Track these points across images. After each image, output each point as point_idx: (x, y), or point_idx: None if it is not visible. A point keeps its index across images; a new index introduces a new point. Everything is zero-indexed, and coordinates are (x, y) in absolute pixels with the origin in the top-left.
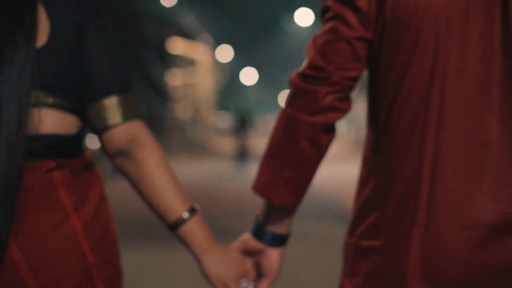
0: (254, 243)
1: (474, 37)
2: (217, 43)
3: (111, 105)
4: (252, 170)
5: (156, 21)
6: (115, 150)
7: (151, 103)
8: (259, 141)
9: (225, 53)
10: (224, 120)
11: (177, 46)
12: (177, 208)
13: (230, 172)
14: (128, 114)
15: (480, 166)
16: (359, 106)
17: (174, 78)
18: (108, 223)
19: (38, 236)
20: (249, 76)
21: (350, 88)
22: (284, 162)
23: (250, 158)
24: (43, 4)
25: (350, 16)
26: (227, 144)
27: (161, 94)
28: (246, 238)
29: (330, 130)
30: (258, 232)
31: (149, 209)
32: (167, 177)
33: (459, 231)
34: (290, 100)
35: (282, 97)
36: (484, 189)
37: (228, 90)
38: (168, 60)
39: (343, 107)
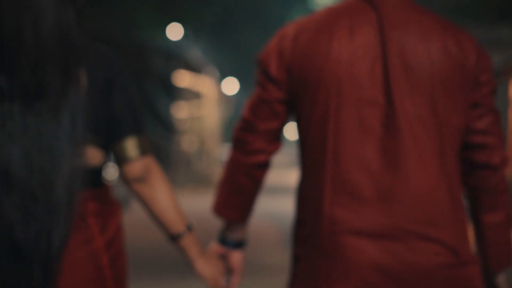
0: (221, 248)
1: (361, 89)
2: (223, 76)
3: (132, 143)
4: (260, 202)
5: (162, 54)
6: (133, 177)
7: (157, 136)
8: (269, 172)
9: (231, 85)
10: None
11: (183, 79)
12: (179, 223)
13: None
14: (144, 150)
15: (366, 188)
16: None
17: (180, 111)
18: (122, 246)
19: (70, 248)
20: None
21: (275, 135)
22: (231, 190)
23: (258, 196)
24: (81, 62)
25: (267, 84)
26: None
27: (167, 127)
28: (214, 245)
29: (262, 167)
30: (223, 240)
31: (156, 224)
32: (172, 199)
33: (350, 238)
34: (232, 145)
35: (288, 130)
36: (368, 205)
37: (234, 122)
38: (174, 93)
39: (270, 149)
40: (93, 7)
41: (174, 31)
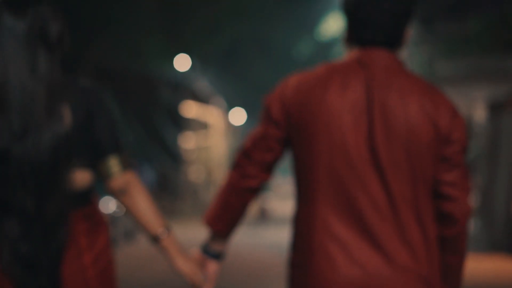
0: (202, 256)
1: (348, 137)
2: (230, 106)
3: (114, 161)
4: (270, 233)
5: (170, 85)
6: (117, 190)
7: (164, 166)
8: (277, 203)
9: (238, 116)
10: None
11: (190, 109)
12: (157, 225)
13: (246, 236)
14: (124, 166)
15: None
16: None
17: (188, 141)
18: (110, 258)
19: (63, 263)
20: None
21: (268, 166)
22: (222, 206)
23: (268, 220)
24: (68, 100)
25: (269, 123)
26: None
27: (174, 157)
28: (197, 252)
29: (252, 191)
30: (205, 249)
31: (139, 228)
32: (150, 206)
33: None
34: (232, 167)
35: None
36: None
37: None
38: (181, 124)
39: (262, 176)
40: (101, 39)
41: (182, 62)
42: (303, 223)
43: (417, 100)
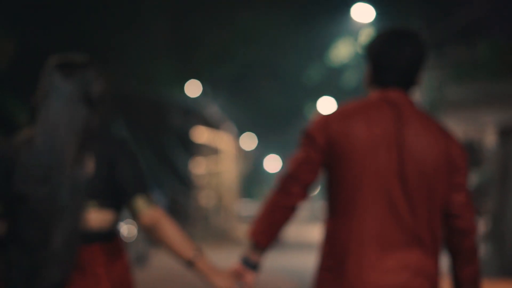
0: (241, 267)
1: (380, 166)
2: (241, 131)
3: (141, 201)
4: (287, 258)
5: (181, 111)
6: (146, 225)
7: (175, 192)
8: (288, 228)
9: (249, 141)
10: (249, 208)
11: (201, 135)
12: (188, 251)
13: (264, 260)
14: (150, 204)
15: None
16: None
17: (198, 167)
18: (129, 280)
19: None
20: (273, 163)
21: (310, 186)
22: (268, 223)
23: (283, 245)
24: (93, 150)
25: (312, 150)
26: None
27: (185, 182)
28: (236, 264)
29: (295, 209)
30: (245, 260)
31: (172, 257)
32: (179, 235)
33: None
34: (277, 188)
35: None
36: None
37: (252, 177)
38: (192, 149)
39: (304, 195)
40: (113, 65)
41: (193, 88)
42: (340, 233)
43: (434, 135)
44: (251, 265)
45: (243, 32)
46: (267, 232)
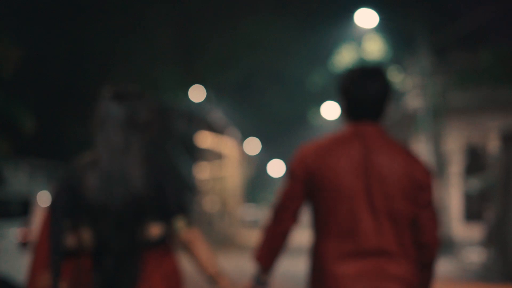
0: (254, 285)
1: (349, 192)
2: (245, 136)
3: (180, 220)
4: (286, 264)
5: (185, 116)
6: (183, 241)
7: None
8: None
9: (253, 146)
10: (252, 213)
11: (205, 140)
12: (212, 269)
13: None
14: (188, 224)
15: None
16: None
17: (202, 172)
18: (178, 280)
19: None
20: (276, 168)
21: (298, 212)
22: (269, 248)
23: (284, 251)
24: (146, 173)
25: (293, 181)
26: (256, 237)
27: (189, 187)
28: (247, 282)
29: (289, 233)
30: (257, 280)
31: (198, 271)
32: (208, 254)
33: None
34: (270, 217)
35: None
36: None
37: (256, 182)
38: (196, 154)
39: (294, 220)
40: (116, 70)
41: (197, 93)
42: (319, 248)
43: (398, 160)
44: (261, 282)
45: (247, 37)
46: (269, 256)
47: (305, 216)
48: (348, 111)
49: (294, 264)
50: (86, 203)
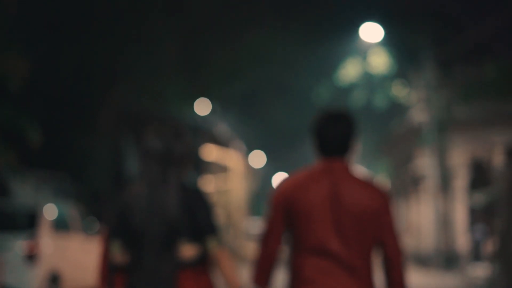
0: None
1: (320, 219)
2: (250, 149)
3: (211, 241)
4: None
5: (190, 129)
6: (213, 259)
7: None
8: None
9: (258, 158)
10: (257, 226)
11: (210, 153)
12: (235, 285)
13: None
14: (219, 244)
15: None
16: None
17: (207, 185)
18: None
19: None
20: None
21: (281, 237)
22: (262, 269)
23: (277, 268)
24: (180, 199)
25: (275, 211)
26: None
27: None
28: None
29: (277, 255)
30: None
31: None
32: (233, 271)
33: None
34: (259, 244)
35: None
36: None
37: (261, 195)
38: (202, 167)
39: (279, 243)
40: (122, 83)
41: (202, 106)
42: (295, 264)
43: (361, 190)
44: None
45: (253, 50)
46: (264, 276)
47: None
48: (319, 149)
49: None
50: (131, 228)
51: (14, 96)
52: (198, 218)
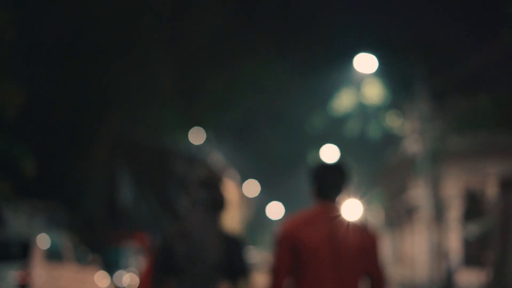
0: None
1: (320, 255)
2: (244, 178)
3: (242, 281)
4: None
5: (185, 158)
6: None
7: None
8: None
9: (252, 188)
10: (252, 255)
11: None
12: None
13: None
14: (247, 284)
15: None
16: (385, 241)
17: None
18: None
19: None
20: (275, 210)
21: (288, 270)
22: None
23: None
24: (219, 243)
25: (281, 249)
26: (256, 279)
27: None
28: None
29: (284, 286)
30: None
31: None
32: None
33: None
34: (269, 276)
35: None
36: None
37: (255, 224)
38: None
39: (286, 276)
40: (117, 111)
41: (197, 135)
42: None
43: (355, 231)
44: None
45: (247, 79)
46: None
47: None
48: (318, 193)
49: None
50: (175, 264)
51: (9, 125)
52: (234, 260)
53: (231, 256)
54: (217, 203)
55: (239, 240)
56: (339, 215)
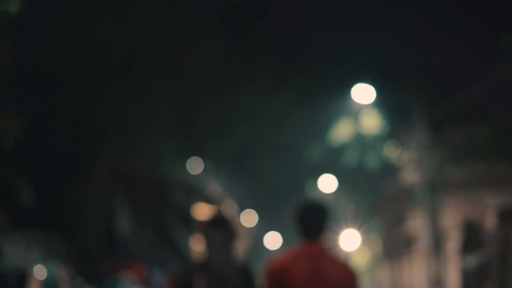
0: None
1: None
2: (242, 208)
3: None
4: None
5: (183, 188)
6: None
7: (174, 268)
8: None
9: (250, 218)
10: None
11: (202, 212)
12: None
13: None
14: None
15: None
16: (383, 272)
17: (198, 244)
18: None
19: None
20: (273, 240)
21: None
22: None
23: None
24: (234, 273)
25: (267, 283)
26: None
27: (185, 259)
28: None
29: None
30: None
31: None
32: None
33: None
34: None
35: None
36: None
37: (253, 255)
38: (193, 226)
39: None
40: (115, 141)
41: (194, 165)
42: None
43: (334, 266)
44: None
45: (245, 109)
46: None
47: None
48: (302, 234)
49: None
50: None
51: (6, 154)
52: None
53: (247, 286)
54: (230, 239)
55: (250, 270)
56: (322, 253)
